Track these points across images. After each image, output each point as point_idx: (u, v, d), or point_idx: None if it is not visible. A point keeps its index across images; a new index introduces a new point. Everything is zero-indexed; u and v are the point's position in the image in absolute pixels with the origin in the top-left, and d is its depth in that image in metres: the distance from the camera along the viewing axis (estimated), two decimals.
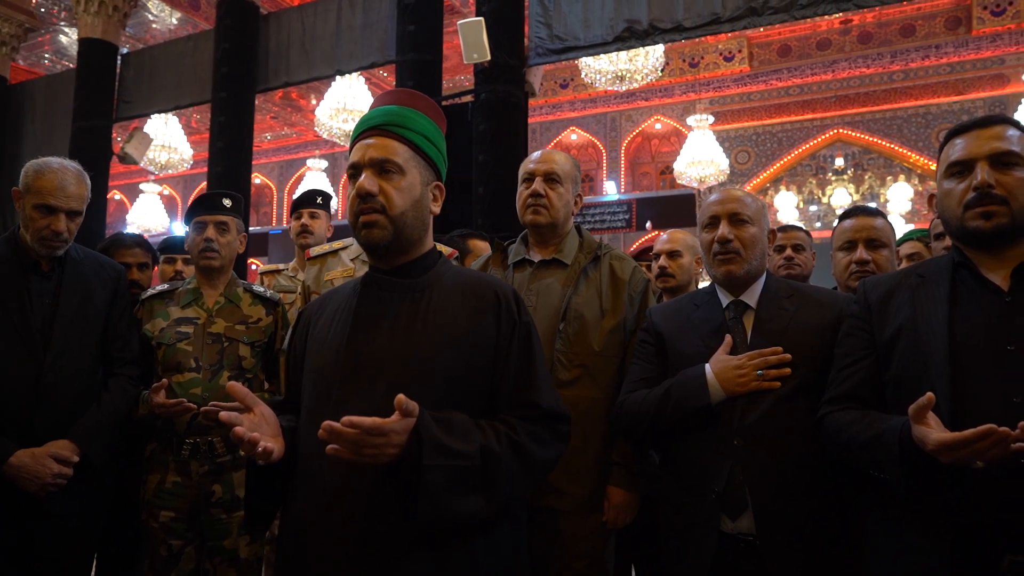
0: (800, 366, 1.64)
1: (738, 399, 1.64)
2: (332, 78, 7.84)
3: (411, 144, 1.39)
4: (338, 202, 14.19)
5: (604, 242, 2.24)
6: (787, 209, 11.43)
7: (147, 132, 8.23)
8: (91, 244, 2.36)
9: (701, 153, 10.68)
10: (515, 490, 1.33)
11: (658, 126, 13.37)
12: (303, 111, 14.04)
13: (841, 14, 6.57)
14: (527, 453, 1.29)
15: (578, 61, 7.22)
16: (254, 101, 6.77)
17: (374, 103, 1.50)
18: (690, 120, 11.39)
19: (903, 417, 1.29)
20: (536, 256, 2.17)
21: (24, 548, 1.99)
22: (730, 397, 1.65)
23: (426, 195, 1.41)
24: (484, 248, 2.96)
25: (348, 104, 8.77)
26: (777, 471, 1.60)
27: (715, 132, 11.30)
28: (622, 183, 13.27)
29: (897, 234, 2.44)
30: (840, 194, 11.47)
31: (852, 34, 11.47)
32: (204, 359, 2.31)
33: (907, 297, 1.50)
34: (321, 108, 8.98)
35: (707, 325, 1.80)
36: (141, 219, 13.22)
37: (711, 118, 11.22)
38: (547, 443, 1.34)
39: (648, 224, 11.70)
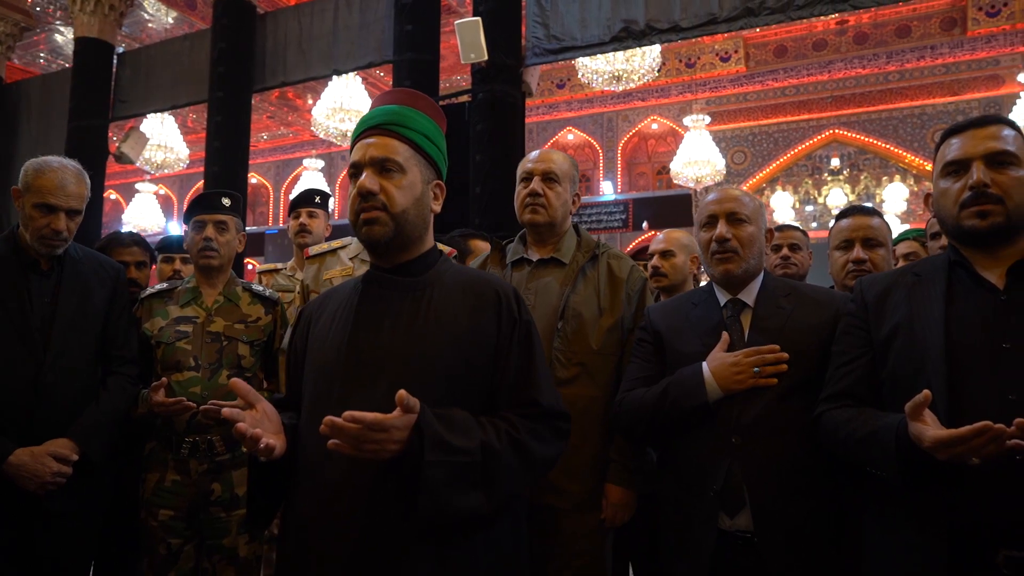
0: (797, 364, 1.65)
1: (736, 397, 1.65)
2: (329, 78, 7.83)
3: (411, 143, 1.39)
4: (335, 202, 14.18)
5: (601, 241, 2.25)
6: (783, 209, 11.46)
7: (143, 131, 8.20)
8: (87, 243, 2.36)
9: (697, 153, 10.71)
10: (515, 487, 1.33)
11: (655, 126, 13.39)
12: (299, 111, 14.02)
13: (837, 15, 6.59)
14: (527, 450, 1.30)
15: (575, 61, 7.22)
16: (251, 101, 6.76)
17: (375, 103, 1.51)
18: (686, 120, 11.42)
19: (900, 414, 1.30)
20: (534, 255, 2.17)
21: (23, 547, 1.99)
22: (728, 395, 1.65)
23: (427, 193, 1.42)
24: (485, 248, 2.95)
25: (345, 104, 8.75)
26: (775, 469, 1.61)
27: (711, 132, 11.33)
28: (619, 183, 13.29)
29: (893, 234, 2.45)
30: (836, 194, 11.49)
31: (848, 35, 11.50)
32: (203, 358, 2.31)
33: (903, 295, 1.51)
34: (318, 108, 8.96)
35: (705, 323, 1.80)
36: (137, 219, 13.18)
37: (707, 118, 11.25)
38: (547, 440, 1.35)
39: (644, 224, 11.73)
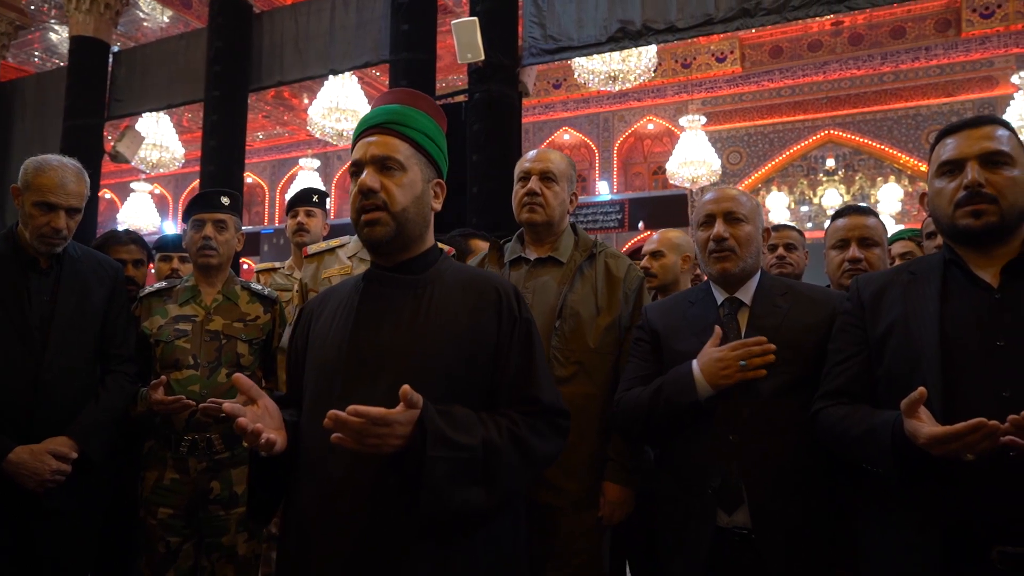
0: (794, 362, 1.66)
1: (733, 395, 1.66)
2: (325, 77, 7.82)
3: (412, 142, 1.40)
4: (332, 201, 14.16)
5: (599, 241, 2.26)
6: (778, 210, 11.50)
7: (139, 131, 8.18)
8: (83, 243, 2.35)
9: (693, 153, 10.72)
10: (516, 483, 1.34)
11: (650, 126, 13.41)
12: (295, 110, 14.00)
13: (832, 16, 6.62)
14: (528, 447, 1.31)
15: (571, 61, 7.22)
16: (247, 100, 6.75)
17: (376, 102, 1.52)
18: (682, 120, 11.43)
19: (895, 411, 1.32)
20: (532, 254, 2.18)
21: (23, 545, 1.99)
22: (726, 393, 1.66)
23: (427, 192, 1.43)
24: (485, 248, 2.94)
25: (341, 103, 8.72)
26: (773, 466, 1.62)
27: (707, 133, 11.34)
28: (614, 183, 13.31)
29: (888, 233, 2.47)
30: (831, 195, 11.53)
31: (843, 36, 11.54)
32: (202, 356, 2.31)
33: (899, 294, 1.52)
34: (314, 107, 8.93)
35: (702, 322, 1.81)
36: (132, 218, 13.10)
37: (703, 119, 11.26)
38: (547, 437, 1.36)
39: (640, 224, 11.76)
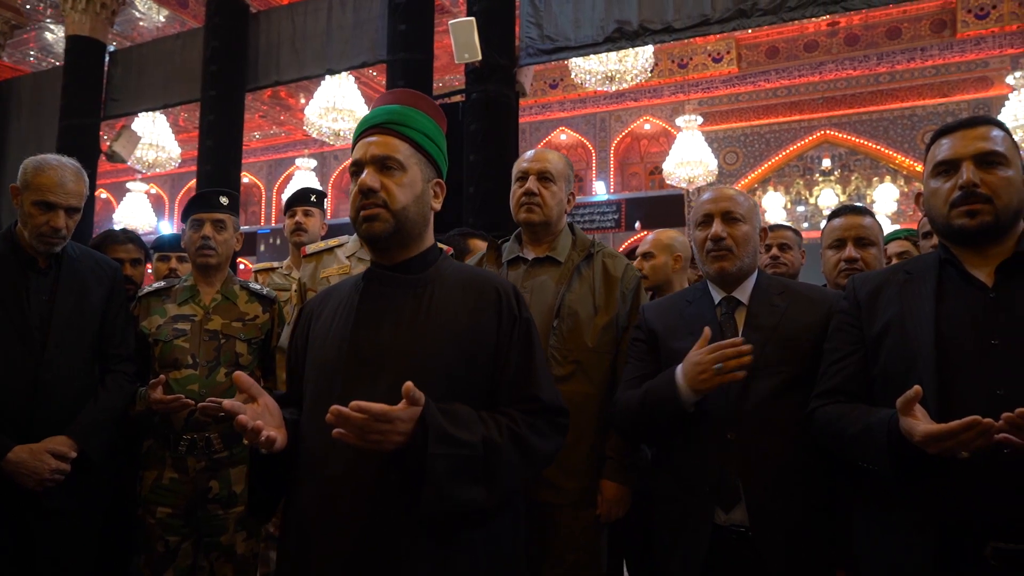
0: (791, 361, 1.68)
1: (731, 394, 1.67)
2: (322, 77, 7.83)
3: (412, 142, 1.41)
4: (328, 201, 14.14)
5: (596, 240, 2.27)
6: (775, 210, 11.52)
7: (135, 130, 8.17)
8: (79, 242, 2.35)
9: (690, 154, 10.75)
10: (516, 481, 1.35)
11: (647, 126, 13.43)
12: (292, 110, 13.99)
13: (828, 16, 6.64)
14: (528, 445, 1.31)
15: (568, 61, 7.24)
16: (244, 100, 6.74)
17: (376, 102, 1.52)
18: (679, 121, 11.46)
19: (891, 410, 1.33)
20: (530, 254, 2.19)
21: (23, 545, 2.00)
22: (723, 391, 1.67)
23: (427, 191, 1.43)
24: (483, 248, 2.96)
25: (338, 103, 8.75)
26: (770, 464, 1.63)
27: (704, 133, 11.37)
28: (611, 183, 13.32)
29: (884, 233, 2.48)
30: (827, 195, 11.56)
31: (839, 36, 11.57)
32: (201, 356, 2.32)
33: (895, 293, 1.53)
34: (310, 107, 8.95)
35: (699, 321, 1.82)
36: (128, 218, 13.08)
37: (700, 119, 11.29)
38: (547, 436, 1.36)
39: (637, 224, 11.78)
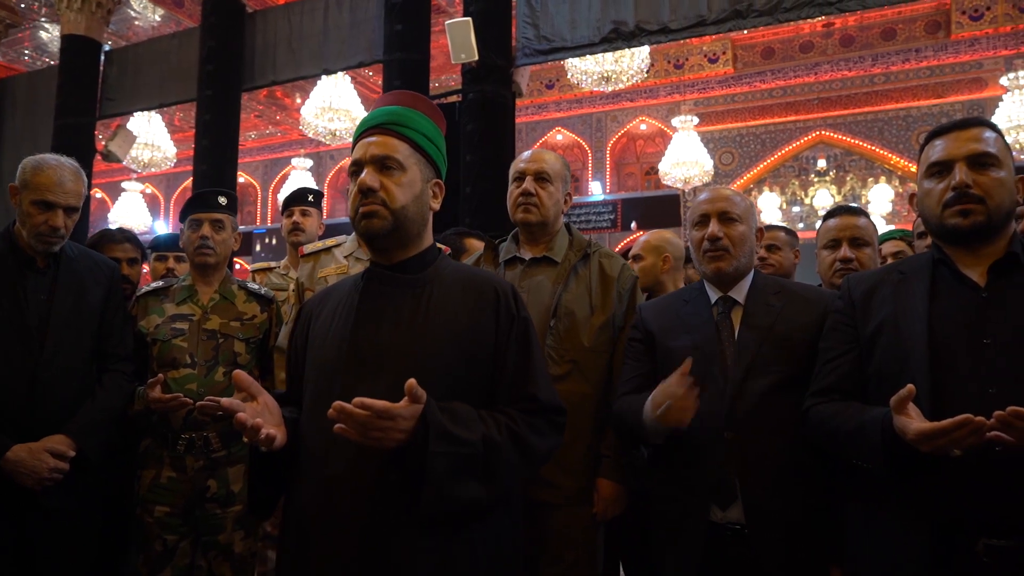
0: (787, 361, 1.69)
1: (728, 393, 1.69)
2: (318, 77, 7.82)
3: (411, 142, 1.42)
4: (324, 201, 14.12)
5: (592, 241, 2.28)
6: (770, 210, 11.55)
7: (130, 130, 8.15)
8: (75, 242, 2.35)
9: (686, 154, 10.78)
10: (514, 480, 1.36)
11: (643, 127, 13.44)
12: (288, 110, 13.97)
13: (824, 17, 6.66)
14: (526, 444, 1.32)
15: (564, 62, 7.25)
16: (240, 99, 6.72)
17: (376, 103, 1.53)
18: (675, 121, 11.49)
19: (885, 408, 1.34)
20: (527, 254, 2.20)
21: (21, 544, 2.00)
22: (720, 391, 1.68)
23: (426, 191, 1.44)
24: (479, 247, 2.95)
25: (334, 103, 8.74)
26: (767, 463, 1.65)
27: (699, 133, 11.40)
28: (607, 183, 13.34)
29: (879, 233, 2.49)
30: (822, 195, 11.60)
31: (834, 37, 11.61)
32: (199, 355, 2.32)
33: (889, 293, 1.55)
34: (306, 107, 8.94)
35: (695, 320, 1.84)
36: (123, 218, 13.07)
37: (695, 119, 11.32)
38: (545, 434, 1.37)
39: (633, 224, 11.80)
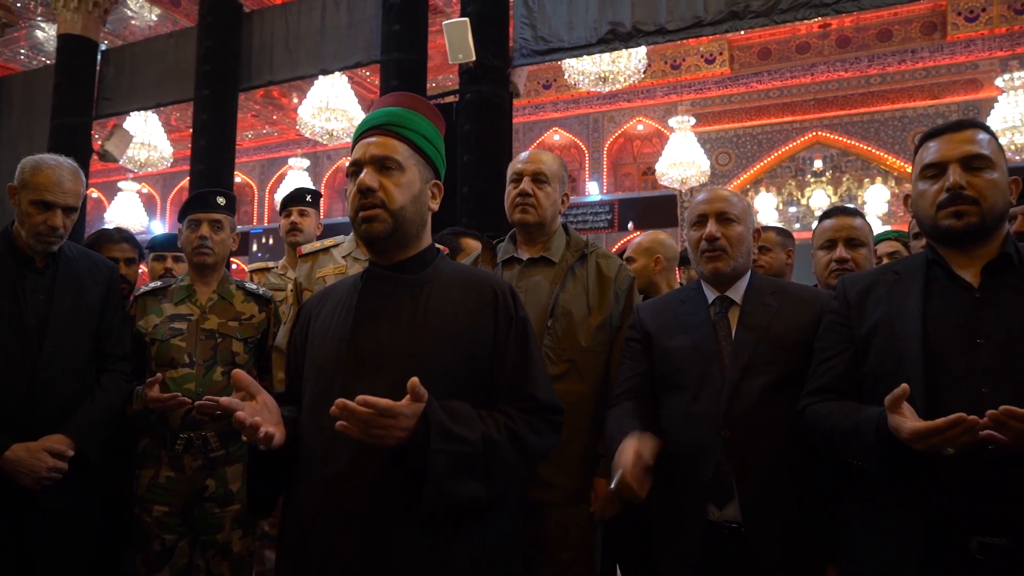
0: (784, 360, 1.70)
1: (725, 392, 1.70)
2: (315, 77, 7.82)
3: (411, 143, 1.43)
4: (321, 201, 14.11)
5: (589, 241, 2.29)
6: (766, 210, 11.58)
7: (127, 129, 8.15)
8: (73, 241, 2.35)
9: (682, 154, 10.80)
10: (513, 478, 1.37)
11: (640, 127, 13.47)
12: (285, 109, 13.96)
13: (820, 18, 6.68)
14: (525, 443, 1.33)
15: (561, 62, 7.26)
16: (237, 99, 6.73)
17: (376, 104, 1.54)
18: (672, 121, 11.51)
19: (879, 407, 1.35)
20: (524, 254, 2.21)
21: (19, 543, 2.00)
22: (717, 391, 1.70)
23: (425, 192, 1.45)
24: (476, 247, 2.96)
25: (331, 103, 8.73)
26: (763, 462, 1.66)
27: (696, 134, 11.42)
28: (604, 184, 13.36)
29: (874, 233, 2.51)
30: (818, 196, 11.63)
31: (831, 38, 11.64)
32: (198, 355, 2.33)
33: (884, 293, 1.56)
34: (304, 107, 8.94)
35: (692, 319, 1.85)
36: (119, 218, 13.04)
37: (692, 120, 11.34)
38: (543, 434, 1.38)
39: (630, 224, 11.83)
